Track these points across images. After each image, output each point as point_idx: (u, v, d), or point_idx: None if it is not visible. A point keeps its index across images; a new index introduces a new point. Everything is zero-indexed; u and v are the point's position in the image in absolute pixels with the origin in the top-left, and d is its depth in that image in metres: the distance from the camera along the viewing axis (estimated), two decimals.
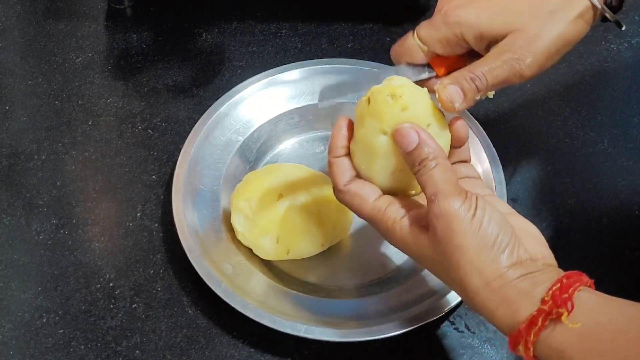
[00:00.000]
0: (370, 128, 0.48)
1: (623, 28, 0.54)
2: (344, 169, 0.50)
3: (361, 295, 0.59)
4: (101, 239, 0.63)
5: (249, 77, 0.69)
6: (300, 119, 0.69)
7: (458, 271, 0.44)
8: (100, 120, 0.71)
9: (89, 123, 0.71)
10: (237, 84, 0.69)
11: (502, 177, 0.62)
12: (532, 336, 0.41)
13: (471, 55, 0.53)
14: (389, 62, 0.72)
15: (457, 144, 0.52)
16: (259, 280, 0.58)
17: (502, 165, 0.63)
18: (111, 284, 0.60)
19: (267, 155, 0.68)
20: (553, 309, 0.41)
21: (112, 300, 0.59)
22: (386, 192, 0.50)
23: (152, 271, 0.61)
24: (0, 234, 0.63)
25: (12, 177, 0.67)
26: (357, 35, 0.78)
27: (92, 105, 0.72)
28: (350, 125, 0.51)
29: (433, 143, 0.47)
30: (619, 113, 0.72)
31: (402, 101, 0.48)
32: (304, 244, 0.59)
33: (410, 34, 0.54)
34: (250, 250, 0.60)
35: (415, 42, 0.53)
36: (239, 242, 0.60)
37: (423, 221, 0.47)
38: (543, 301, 0.41)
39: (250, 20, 0.80)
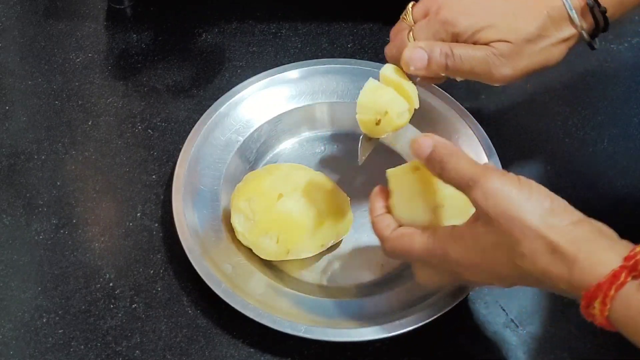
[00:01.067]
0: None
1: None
2: (387, 223, 0.52)
3: (361, 295, 0.59)
4: (101, 239, 0.63)
5: (249, 77, 0.69)
6: (300, 119, 0.69)
7: (522, 244, 0.43)
8: (100, 120, 0.71)
9: (89, 123, 0.71)
10: (237, 84, 0.69)
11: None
12: (612, 290, 0.40)
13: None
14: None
15: None
16: (259, 280, 0.58)
17: (502, 165, 0.63)
18: (111, 284, 0.60)
19: (267, 155, 0.68)
20: (638, 265, 0.40)
21: (112, 300, 0.59)
22: None
23: (152, 271, 0.61)
24: (0, 234, 0.63)
25: (12, 177, 0.67)
26: (357, 35, 0.78)
27: (92, 105, 0.72)
28: (385, 190, 0.54)
29: (447, 142, 0.49)
30: (619, 113, 0.72)
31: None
32: (304, 244, 0.59)
33: (405, 32, 0.57)
34: (250, 250, 0.60)
35: (407, 41, 0.56)
36: (239, 242, 0.60)
37: (463, 230, 0.47)
38: (627, 258, 0.41)
39: (250, 20, 0.80)
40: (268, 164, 0.67)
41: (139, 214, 0.64)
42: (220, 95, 0.68)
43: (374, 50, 0.77)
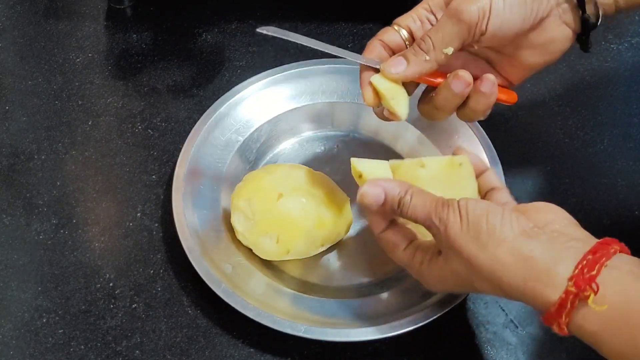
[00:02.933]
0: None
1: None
2: (377, 222, 0.53)
3: (361, 295, 0.59)
4: (101, 239, 0.63)
5: (249, 77, 0.69)
6: (300, 119, 0.69)
7: (478, 272, 0.45)
8: (100, 120, 0.71)
9: (89, 123, 0.71)
10: (237, 84, 0.69)
11: (502, 177, 0.62)
12: (564, 318, 0.41)
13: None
14: None
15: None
16: (259, 280, 0.58)
17: (502, 165, 0.63)
18: (111, 284, 0.60)
19: (267, 155, 0.68)
20: (579, 290, 0.40)
21: (112, 300, 0.59)
22: None
23: (152, 271, 0.61)
24: (0, 234, 0.63)
25: (12, 177, 0.67)
26: (357, 35, 0.78)
27: (92, 105, 0.72)
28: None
29: (396, 184, 0.50)
30: (619, 113, 0.72)
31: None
32: (304, 244, 0.59)
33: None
34: (250, 250, 0.60)
35: (392, 26, 0.56)
36: (239, 242, 0.60)
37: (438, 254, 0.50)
38: (570, 279, 0.41)
39: (250, 20, 0.80)
40: (268, 164, 0.67)
41: (139, 214, 0.64)
42: (220, 95, 0.68)
43: None
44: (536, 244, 0.43)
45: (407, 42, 0.56)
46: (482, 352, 0.57)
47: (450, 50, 0.52)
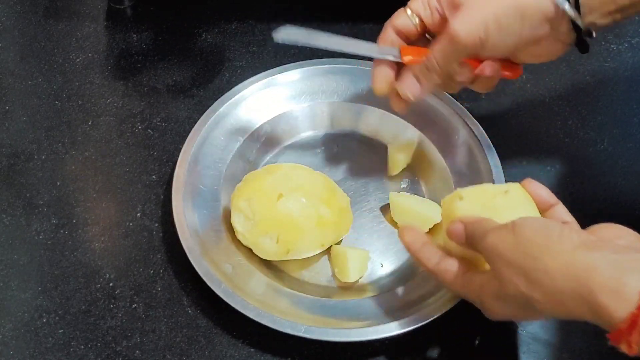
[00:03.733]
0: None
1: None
2: (429, 256, 0.52)
3: (361, 295, 0.59)
4: (101, 239, 0.63)
5: (249, 77, 0.69)
6: (300, 119, 0.69)
7: (535, 287, 0.42)
8: (100, 120, 0.71)
9: (89, 123, 0.71)
10: (237, 84, 0.69)
11: (503, 177, 0.62)
12: (636, 336, 0.37)
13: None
14: None
15: (540, 205, 0.52)
16: (259, 280, 0.58)
17: (502, 165, 0.63)
18: (111, 284, 0.60)
19: (267, 155, 0.68)
20: None
21: (112, 300, 0.59)
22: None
23: (152, 271, 0.61)
24: (0, 234, 0.63)
25: (12, 177, 0.67)
26: (357, 35, 0.78)
27: (92, 105, 0.72)
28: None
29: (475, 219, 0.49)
30: (619, 113, 0.72)
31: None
32: (304, 244, 0.59)
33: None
34: (250, 250, 0.60)
35: (403, 9, 0.58)
36: (239, 242, 0.60)
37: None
38: None
39: (250, 20, 0.80)
40: (268, 164, 0.67)
41: (139, 214, 0.64)
42: (220, 95, 0.68)
43: None
44: (599, 255, 0.40)
45: (418, 29, 0.57)
46: (483, 353, 0.57)
47: (455, 65, 0.55)
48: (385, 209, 0.64)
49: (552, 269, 0.41)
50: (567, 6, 0.52)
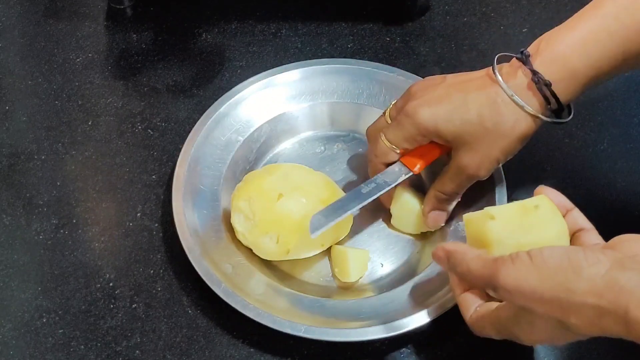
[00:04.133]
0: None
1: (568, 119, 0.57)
2: (469, 305, 0.52)
3: (361, 295, 0.59)
4: (101, 239, 0.63)
5: (249, 77, 0.69)
6: (300, 119, 0.69)
7: (568, 319, 0.42)
8: (100, 120, 0.71)
9: (89, 123, 0.71)
10: (237, 84, 0.69)
11: (503, 177, 0.62)
12: None
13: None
14: (389, 62, 0.73)
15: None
16: (259, 280, 0.58)
17: (502, 165, 0.63)
18: (111, 284, 0.60)
19: (267, 155, 0.68)
20: None
21: (112, 300, 0.59)
22: None
23: (152, 271, 0.61)
24: (0, 234, 0.63)
25: (12, 177, 0.67)
26: (357, 35, 0.78)
27: (92, 105, 0.72)
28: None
29: (454, 248, 0.50)
30: (619, 113, 0.72)
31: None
32: (304, 244, 0.59)
33: (378, 137, 0.59)
34: (250, 250, 0.60)
35: (386, 146, 0.59)
36: (239, 242, 0.60)
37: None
38: None
39: (250, 20, 0.80)
40: (268, 164, 0.67)
41: (139, 214, 0.64)
42: (220, 95, 0.68)
43: (373, 50, 0.77)
44: (631, 274, 0.41)
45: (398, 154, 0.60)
46: (483, 352, 0.57)
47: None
48: (385, 208, 0.64)
49: (587, 293, 0.41)
50: (554, 119, 0.56)
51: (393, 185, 0.59)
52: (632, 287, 0.40)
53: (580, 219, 0.52)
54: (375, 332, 0.54)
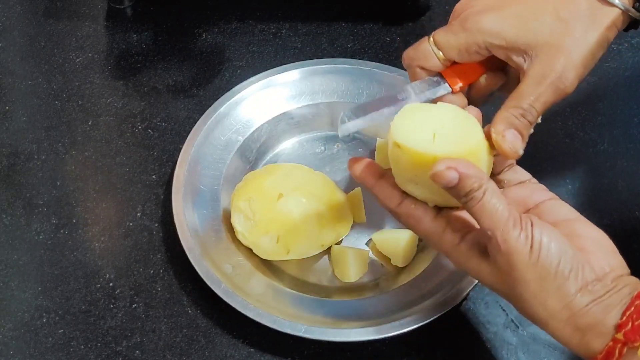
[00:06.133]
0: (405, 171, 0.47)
1: None
2: (388, 194, 0.48)
3: (361, 295, 0.59)
4: (101, 239, 0.63)
5: (249, 77, 0.69)
6: (300, 119, 0.69)
7: (523, 302, 0.43)
8: (100, 120, 0.71)
9: (89, 123, 0.71)
10: (237, 84, 0.69)
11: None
12: None
13: (488, 62, 0.51)
14: (389, 62, 0.72)
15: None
16: (259, 280, 0.58)
17: None
18: (111, 284, 0.60)
19: (267, 155, 0.68)
20: (628, 340, 0.39)
21: (112, 300, 0.59)
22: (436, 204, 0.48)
23: (152, 271, 0.61)
24: (0, 234, 0.63)
25: (12, 177, 0.67)
26: (357, 35, 0.78)
27: (92, 105, 0.72)
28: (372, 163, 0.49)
29: (474, 171, 0.43)
30: (619, 113, 0.72)
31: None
32: (304, 244, 0.59)
33: (425, 38, 0.51)
34: (250, 250, 0.60)
35: (430, 48, 0.51)
36: (239, 242, 0.60)
37: (482, 246, 0.45)
38: (618, 327, 0.40)
39: (250, 20, 0.80)
40: (268, 164, 0.67)
41: (139, 214, 0.64)
42: (220, 95, 0.68)
43: (374, 50, 0.77)
44: (590, 298, 0.42)
45: (442, 64, 0.51)
46: (483, 352, 0.57)
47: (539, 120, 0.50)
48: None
49: (553, 306, 0.42)
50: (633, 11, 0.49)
51: (431, 98, 0.51)
52: (591, 312, 0.41)
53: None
54: (374, 332, 0.54)
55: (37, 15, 0.80)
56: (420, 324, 0.54)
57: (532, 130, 0.49)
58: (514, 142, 0.48)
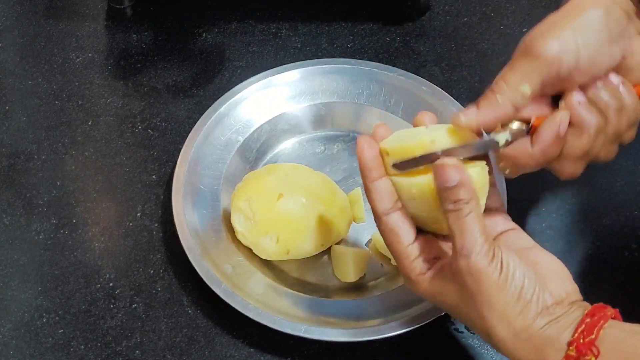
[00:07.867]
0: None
1: None
2: (383, 196, 0.47)
3: (361, 295, 0.59)
4: (101, 239, 0.63)
5: (249, 77, 0.69)
6: (300, 118, 0.69)
7: (485, 323, 0.45)
8: (100, 120, 0.71)
9: (89, 123, 0.71)
10: (237, 84, 0.69)
11: (503, 177, 0.62)
12: None
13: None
14: (389, 62, 0.73)
15: None
16: (259, 280, 0.58)
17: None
18: (111, 284, 0.60)
19: (267, 155, 0.68)
20: (580, 355, 0.41)
21: (112, 300, 0.59)
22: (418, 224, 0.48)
23: (152, 271, 0.61)
24: (0, 234, 0.63)
25: (12, 177, 0.67)
26: (357, 35, 0.78)
27: (92, 105, 0.72)
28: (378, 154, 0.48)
29: (472, 188, 0.44)
30: None
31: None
32: (304, 244, 0.59)
33: (489, 96, 0.48)
34: (250, 250, 0.60)
35: (510, 94, 0.47)
36: (239, 242, 0.60)
37: (445, 272, 0.46)
38: (570, 344, 0.42)
39: (250, 20, 0.80)
40: (268, 164, 0.67)
41: (139, 214, 0.64)
42: (220, 95, 0.68)
43: (374, 50, 0.77)
44: (547, 319, 0.44)
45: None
46: (482, 352, 0.57)
47: (527, 89, 0.46)
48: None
49: (514, 328, 0.44)
50: None
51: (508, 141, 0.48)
52: (549, 335, 0.43)
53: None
54: (375, 332, 0.54)
55: (37, 15, 0.80)
56: (420, 324, 0.54)
57: (502, 102, 0.47)
58: (464, 112, 0.48)
